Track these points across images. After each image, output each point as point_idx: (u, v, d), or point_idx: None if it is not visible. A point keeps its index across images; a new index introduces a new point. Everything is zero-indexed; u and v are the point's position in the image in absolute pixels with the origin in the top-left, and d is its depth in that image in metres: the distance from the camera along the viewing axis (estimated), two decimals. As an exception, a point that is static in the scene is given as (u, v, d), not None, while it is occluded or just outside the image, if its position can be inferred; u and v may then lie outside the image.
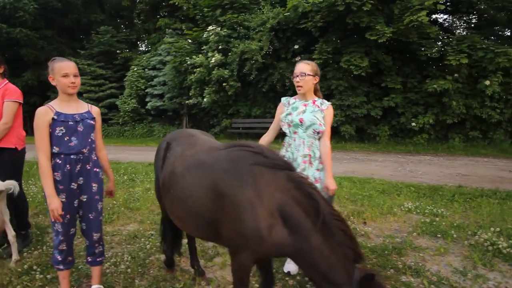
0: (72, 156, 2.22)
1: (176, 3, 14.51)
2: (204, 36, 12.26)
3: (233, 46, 11.49)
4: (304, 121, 2.55)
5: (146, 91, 15.12)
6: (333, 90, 10.71)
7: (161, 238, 2.82)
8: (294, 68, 2.65)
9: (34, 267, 2.80)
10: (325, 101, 2.65)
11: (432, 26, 9.19)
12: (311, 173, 2.54)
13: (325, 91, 11.00)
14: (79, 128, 2.24)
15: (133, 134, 15.12)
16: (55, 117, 2.19)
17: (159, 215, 4.30)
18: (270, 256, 1.94)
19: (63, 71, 2.18)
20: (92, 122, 2.32)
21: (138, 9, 20.69)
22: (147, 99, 15.11)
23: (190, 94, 13.00)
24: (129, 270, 2.88)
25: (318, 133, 2.57)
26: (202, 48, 12.53)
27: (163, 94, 14.63)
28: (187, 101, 13.19)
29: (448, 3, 11.01)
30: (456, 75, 9.56)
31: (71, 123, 2.22)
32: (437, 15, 11.21)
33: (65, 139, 2.21)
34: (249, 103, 12.83)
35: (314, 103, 2.63)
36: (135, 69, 15.54)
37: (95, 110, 2.40)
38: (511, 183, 5.80)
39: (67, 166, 2.22)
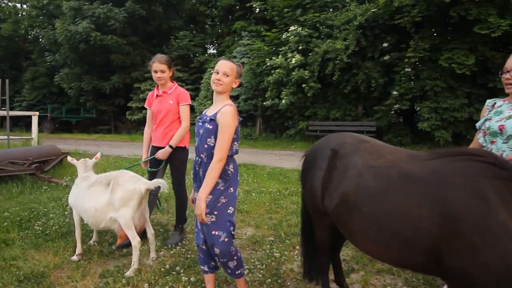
0: (196, 158, 2.19)
1: (253, 5, 14.57)
2: (284, 36, 12.05)
3: (315, 46, 11.10)
4: (505, 128, 1.99)
5: (221, 93, 15.42)
6: (428, 91, 9.72)
7: (313, 268, 2.47)
8: (507, 61, 2.04)
9: (177, 268, 2.73)
10: None
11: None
12: None
13: (417, 92, 10.07)
14: (200, 131, 2.15)
15: (207, 134, 15.54)
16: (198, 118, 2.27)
17: (271, 219, 4.11)
18: None
19: (216, 68, 2.16)
20: (209, 126, 2.08)
21: (213, 14, 21.41)
22: (222, 101, 15.42)
23: (266, 95, 12.88)
24: (268, 280, 2.67)
25: None
26: (281, 49, 12.34)
27: (238, 96, 14.77)
28: (264, 103, 13.09)
29: None
30: None
31: (199, 123, 2.18)
32: None
33: (195, 139, 2.22)
34: (327, 105, 12.31)
35: None
36: (212, 71, 15.95)
37: (222, 110, 2.05)
38: None
39: (196, 166, 2.20)
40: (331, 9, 11.87)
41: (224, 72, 2.11)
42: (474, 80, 9.53)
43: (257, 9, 15.95)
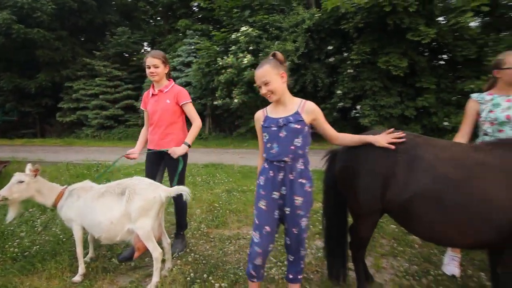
0: (275, 163, 2.11)
1: (200, 4, 14.38)
2: (233, 36, 12.18)
3: (265, 47, 11.46)
4: None
5: (167, 92, 14.92)
6: (367, 91, 10.79)
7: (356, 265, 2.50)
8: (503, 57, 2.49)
9: (204, 276, 2.72)
10: None
11: (473, 27, 9.34)
12: None
13: (358, 91, 11.08)
14: (280, 134, 2.07)
15: (154, 136, 14.93)
16: (262, 123, 2.15)
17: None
18: None
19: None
20: (297, 126, 2.06)
21: (151, 10, 20.48)
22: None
23: (217, 95, 12.90)
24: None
25: None
26: (230, 49, 12.44)
27: (186, 96, 14.48)
28: (215, 102, 13.07)
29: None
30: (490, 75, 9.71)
31: (274, 128, 2.09)
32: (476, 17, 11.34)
33: (268, 145, 2.13)
34: (277, 104, 12.78)
35: None
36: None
37: (308, 108, 2.09)
38: None
39: (270, 172, 2.13)
40: (278, 12, 12.30)
41: None
42: (404, 81, 10.85)
43: (199, 8, 15.67)
